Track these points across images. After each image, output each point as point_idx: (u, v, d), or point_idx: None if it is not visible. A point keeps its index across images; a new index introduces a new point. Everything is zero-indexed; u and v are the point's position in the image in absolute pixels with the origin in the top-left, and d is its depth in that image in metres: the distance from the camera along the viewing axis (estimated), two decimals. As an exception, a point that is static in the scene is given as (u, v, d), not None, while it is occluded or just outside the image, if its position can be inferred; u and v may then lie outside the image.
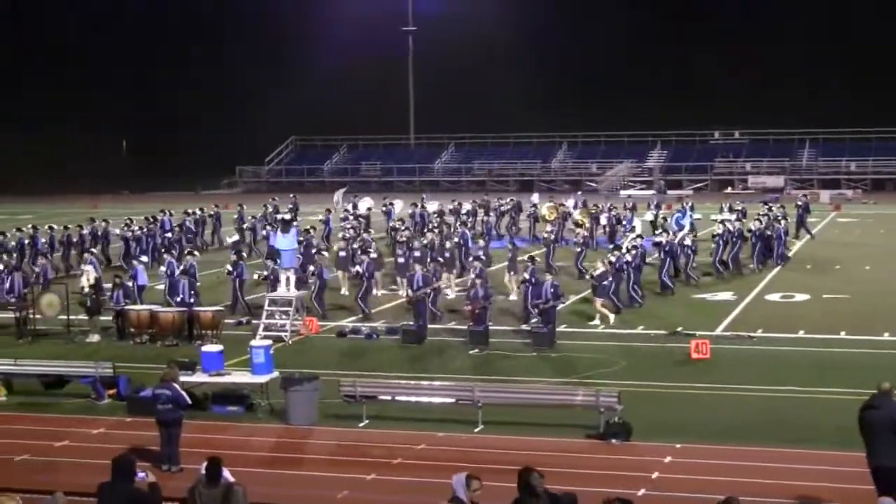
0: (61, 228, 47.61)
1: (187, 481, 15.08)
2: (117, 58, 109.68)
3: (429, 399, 23.13)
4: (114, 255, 46.94)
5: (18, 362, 26.08)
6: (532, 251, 42.23)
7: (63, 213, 54.42)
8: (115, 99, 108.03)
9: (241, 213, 51.75)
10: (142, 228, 47.73)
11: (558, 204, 52.72)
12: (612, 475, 18.99)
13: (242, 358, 25.93)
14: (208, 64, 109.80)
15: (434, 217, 49.83)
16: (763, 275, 41.39)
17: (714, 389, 24.85)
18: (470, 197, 58.25)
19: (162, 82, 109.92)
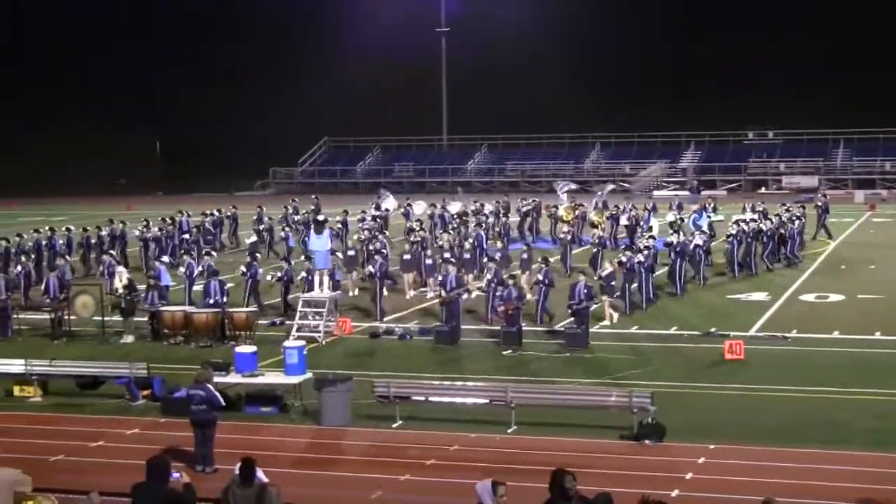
0: (79, 230, 47.84)
1: (221, 482, 15.13)
2: (150, 60, 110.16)
3: (462, 400, 23.12)
4: (132, 256, 47.16)
5: (54, 363, 26.23)
6: (554, 252, 42.24)
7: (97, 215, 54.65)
8: (149, 101, 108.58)
9: (260, 214, 51.88)
10: (161, 230, 48.03)
11: (577, 204, 52.59)
12: (646, 476, 18.93)
13: (276, 359, 26.00)
14: (241, 66, 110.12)
15: (455, 218, 49.82)
16: (796, 275, 41.18)
17: (748, 390, 24.72)
18: (502, 198, 58.03)
19: (195, 84, 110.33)
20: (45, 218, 53.75)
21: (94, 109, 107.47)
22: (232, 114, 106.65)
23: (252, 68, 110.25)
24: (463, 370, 27.28)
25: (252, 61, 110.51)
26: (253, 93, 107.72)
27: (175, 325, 31.60)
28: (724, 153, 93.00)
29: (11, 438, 20.71)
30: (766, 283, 39.70)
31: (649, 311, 34.48)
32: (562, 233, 44.96)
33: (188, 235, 48.19)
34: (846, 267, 43.56)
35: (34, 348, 30.41)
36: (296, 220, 51.72)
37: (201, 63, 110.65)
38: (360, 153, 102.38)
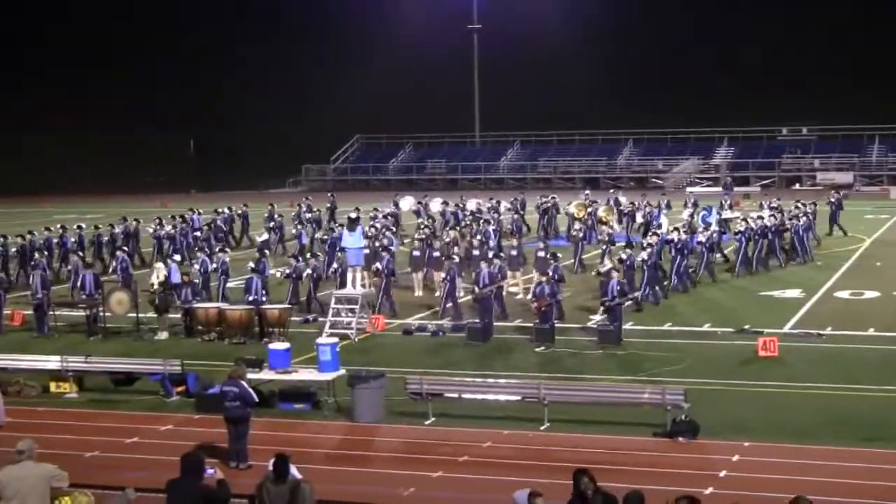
0: (91, 228, 48.15)
1: (255, 478, 15.19)
2: (183, 58, 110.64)
3: (495, 396, 23.13)
4: (146, 254, 47.58)
5: (89, 360, 26.40)
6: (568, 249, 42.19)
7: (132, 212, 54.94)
8: (183, 99, 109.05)
9: (271, 212, 52.06)
10: (174, 227, 48.26)
11: (590, 201, 52.51)
12: (680, 474, 18.88)
13: (309, 355, 26.06)
14: (274, 63, 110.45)
15: (468, 216, 49.79)
16: (831, 272, 40.96)
17: (782, 387, 24.62)
18: (536, 194, 57.99)
19: (229, 82, 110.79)
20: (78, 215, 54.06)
21: (128, 109, 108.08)
22: (265, 112, 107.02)
23: (285, 66, 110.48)
24: (496, 367, 27.28)
25: (284, 59, 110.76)
26: (286, 91, 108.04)
27: (209, 322, 31.76)
28: (757, 149, 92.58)
29: (48, 434, 20.83)
30: (801, 279, 39.51)
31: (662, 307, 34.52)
32: (574, 230, 44.91)
33: (200, 233, 48.51)
34: (882, 264, 43.26)
35: (70, 345, 30.63)
36: (307, 218, 51.86)
37: (235, 61, 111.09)
38: (392, 150, 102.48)
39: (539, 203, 53.85)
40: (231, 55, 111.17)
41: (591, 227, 47.90)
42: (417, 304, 36.50)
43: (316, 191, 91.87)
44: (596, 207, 51.03)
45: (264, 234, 48.15)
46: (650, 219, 48.69)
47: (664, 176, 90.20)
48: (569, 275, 37.36)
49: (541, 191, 66.86)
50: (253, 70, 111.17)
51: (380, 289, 34.68)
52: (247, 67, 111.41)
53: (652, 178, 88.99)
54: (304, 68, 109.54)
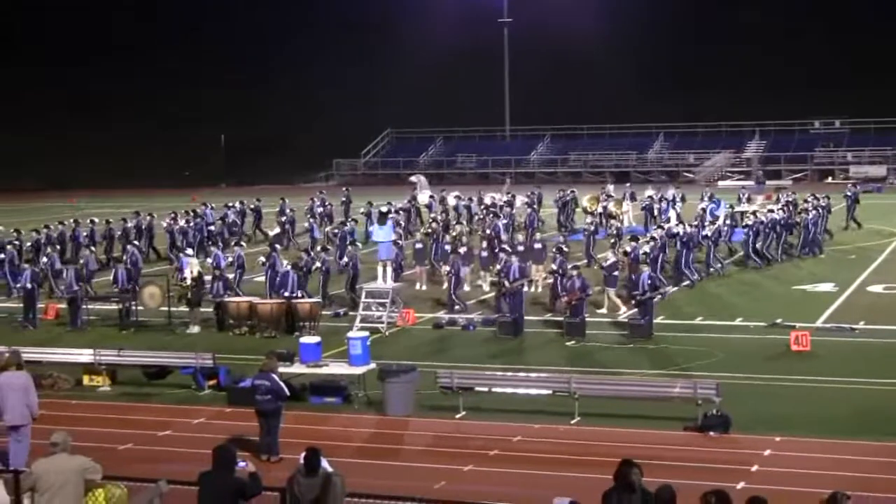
0: (102, 222, 48.45)
1: (286, 471, 15.23)
2: (215, 54, 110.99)
3: (525, 390, 23.12)
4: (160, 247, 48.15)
5: (122, 353, 26.56)
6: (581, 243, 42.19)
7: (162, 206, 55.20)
8: (214, 94, 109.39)
9: (283, 206, 52.22)
10: (188, 222, 48.57)
11: (606, 195, 52.31)
12: (711, 468, 18.83)
13: (340, 349, 26.13)
14: (305, 57, 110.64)
15: (481, 210, 49.76)
16: (864, 265, 40.74)
17: (815, 382, 24.51)
18: (535, 189, 57.79)
19: (259, 76, 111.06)
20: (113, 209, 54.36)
21: (159, 103, 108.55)
22: (296, 106, 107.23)
23: (315, 61, 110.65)
24: (526, 361, 27.28)
25: (315, 54, 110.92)
26: (317, 85, 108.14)
27: (240, 316, 31.89)
28: (789, 142, 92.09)
29: (82, 427, 20.94)
30: (834, 273, 39.30)
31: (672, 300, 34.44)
32: (585, 223, 44.88)
33: (213, 227, 48.73)
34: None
35: (103, 338, 30.79)
36: (320, 213, 51.95)
37: (264, 57, 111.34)
38: (423, 144, 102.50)
39: (557, 197, 53.79)
40: (262, 50, 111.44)
41: (602, 221, 47.95)
42: (423, 297, 36.53)
43: (347, 185, 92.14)
44: (609, 201, 51.00)
45: (276, 228, 48.19)
46: (657, 213, 48.60)
47: (695, 170, 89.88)
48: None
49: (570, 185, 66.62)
50: (284, 64, 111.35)
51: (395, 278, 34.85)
52: (278, 62, 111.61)
53: (683, 172, 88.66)
54: (336, 63, 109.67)
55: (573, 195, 54.05)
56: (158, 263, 44.97)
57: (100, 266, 40.68)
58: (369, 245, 40.42)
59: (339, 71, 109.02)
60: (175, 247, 45.62)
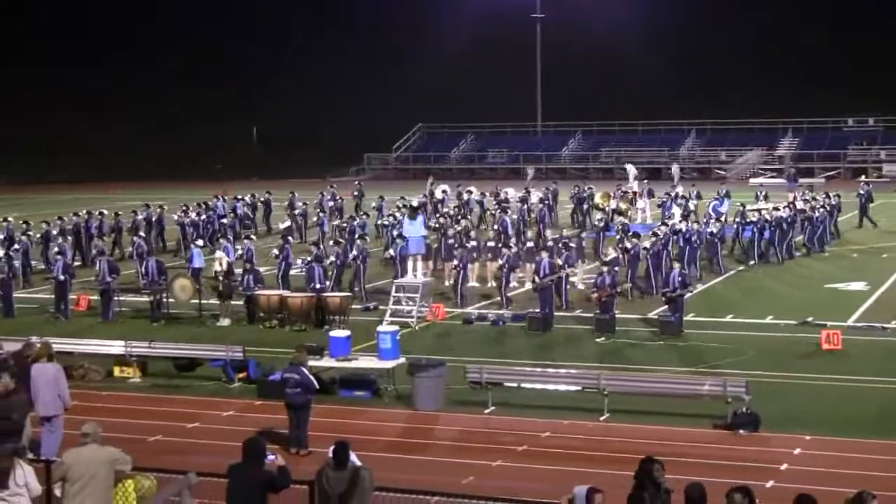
0: (111, 214, 48.81)
1: (315, 464, 15.27)
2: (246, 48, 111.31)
3: (554, 386, 23.12)
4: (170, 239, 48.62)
5: (153, 345, 26.68)
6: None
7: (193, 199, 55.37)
8: (246, 87, 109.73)
9: (293, 199, 52.37)
10: (199, 214, 48.92)
11: (621, 190, 52.15)
12: (740, 466, 18.78)
13: (370, 343, 26.18)
14: (336, 52, 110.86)
15: (498, 205, 49.73)
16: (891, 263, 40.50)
17: (845, 381, 24.39)
18: (551, 185, 57.70)
19: (291, 70, 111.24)
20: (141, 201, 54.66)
21: (192, 97, 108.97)
22: (327, 100, 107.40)
23: (348, 55, 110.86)
24: (556, 357, 27.27)
25: (346, 47, 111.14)
26: (349, 79, 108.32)
27: (270, 309, 31.98)
28: (822, 140, 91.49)
29: (112, 418, 21.08)
30: (865, 272, 39.09)
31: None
32: (596, 220, 44.71)
33: (225, 220, 48.99)
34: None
35: (134, 330, 30.92)
36: (330, 206, 52.06)
37: (295, 50, 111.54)
38: (455, 139, 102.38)
39: (573, 193, 53.68)
40: (294, 43, 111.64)
41: (612, 218, 47.85)
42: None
43: (378, 179, 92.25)
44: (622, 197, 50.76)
45: (287, 221, 48.16)
46: (665, 209, 48.36)
47: (727, 167, 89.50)
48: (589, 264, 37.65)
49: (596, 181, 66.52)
50: (316, 58, 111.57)
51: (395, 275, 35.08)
52: (310, 55, 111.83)
53: (715, 169, 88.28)
54: (368, 57, 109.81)
55: (590, 191, 53.86)
56: (164, 255, 45.02)
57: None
58: (373, 241, 40.46)
59: (371, 65, 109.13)
60: (185, 239, 45.94)
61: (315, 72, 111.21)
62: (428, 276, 34.08)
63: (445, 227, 40.68)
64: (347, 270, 35.80)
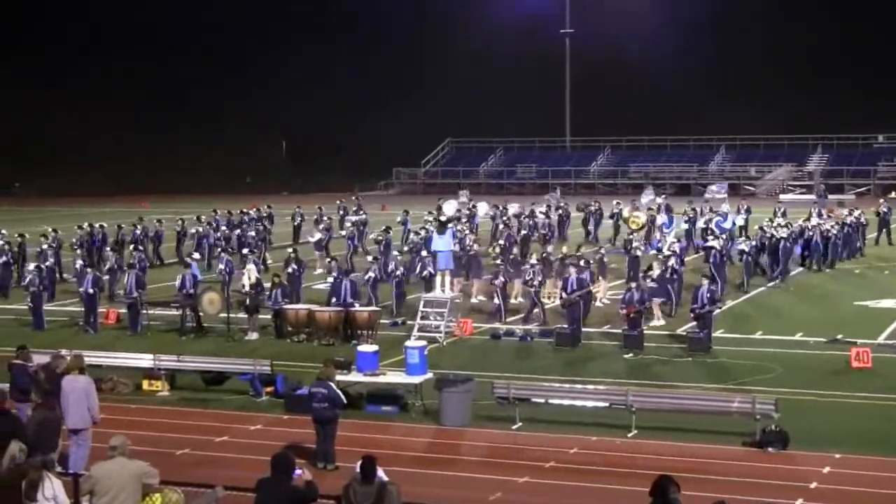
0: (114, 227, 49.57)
1: (342, 479, 15.28)
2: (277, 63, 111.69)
3: (582, 402, 23.04)
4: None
5: (181, 358, 26.77)
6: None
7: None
8: (276, 102, 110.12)
9: (321, 214, 52.46)
10: (197, 229, 49.49)
11: (636, 206, 52.16)
12: (769, 484, 18.67)
13: (397, 358, 26.19)
14: (366, 67, 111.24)
15: (509, 220, 49.62)
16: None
17: (875, 399, 24.25)
18: (592, 199, 57.64)
19: (322, 84, 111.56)
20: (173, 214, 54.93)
21: (224, 112, 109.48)
22: (357, 115, 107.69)
23: (377, 69, 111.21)
24: (583, 373, 27.19)
25: (377, 63, 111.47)
26: (379, 93, 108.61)
27: (298, 323, 32.03)
28: (852, 156, 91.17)
29: (140, 431, 21.15)
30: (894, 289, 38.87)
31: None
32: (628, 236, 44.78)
33: (220, 234, 49.58)
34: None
35: (162, 344, 30.99)
36: (354, 221, 51.99)
37: (325, 65, 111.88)
38: (483, 154, 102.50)
39: (582, 208, 53.65)
40: (324, 58, 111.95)
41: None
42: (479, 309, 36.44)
43: (407, 193, 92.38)
44: (652, 215, 50.27)
45: (316, 234, 48.13)
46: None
47: (756, 183, 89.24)
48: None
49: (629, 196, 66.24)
50: (346, 72, 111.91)
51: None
52: (340, 70, 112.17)
53: (744, 185, 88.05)
54: (397, 71, 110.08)
55: (598, 206, 53.89)
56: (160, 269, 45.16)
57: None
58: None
59: (401, 80, 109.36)
60: (181, 252, 46.52)
61: (345, 86, 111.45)
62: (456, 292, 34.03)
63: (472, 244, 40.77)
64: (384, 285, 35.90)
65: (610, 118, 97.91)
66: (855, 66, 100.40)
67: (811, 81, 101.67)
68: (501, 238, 43.30)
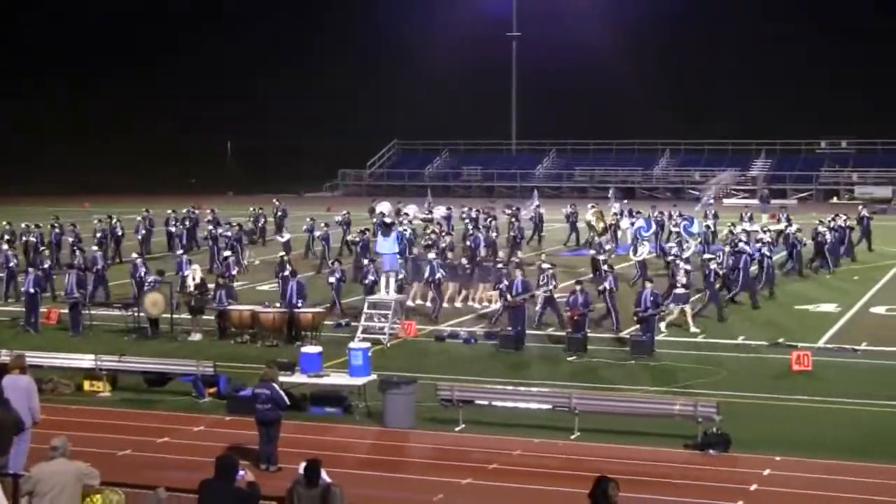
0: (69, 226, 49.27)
1: (285, 481, 15.24)
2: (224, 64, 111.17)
3: (525, 405, 23.10)
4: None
5: (122, 359, 26.56)
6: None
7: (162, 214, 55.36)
8: (222, 103, 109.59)
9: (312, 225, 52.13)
10: (146, 230, 50.35)
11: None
12: (710, 486, 18.80)
13: (341, 360, 26.13)
14: (312, 69, 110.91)
15: (469, 223, 49.70)
16: (867, 287, 40.67)
17: (815, 402, 24.47)
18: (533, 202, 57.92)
19: (266, 86, 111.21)
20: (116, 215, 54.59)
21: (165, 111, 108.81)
22: (302, 117, 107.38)
23: (323, 72, 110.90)
24: (527, 375, 27.25)
25: (323, 66, 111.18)
26: (324, 96, 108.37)
27: (242, 324, 31.88)
28: (795, 162, 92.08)
29: (81, 432, 20.95)
30: (836, 294, 39.26)
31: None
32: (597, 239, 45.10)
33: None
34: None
35: (104, 344, 30.71)
36: (338, 220, 51.84)
37: (272, 67, 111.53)
38: (429, 156, 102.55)
39: (524, 211, 53.95)
40: (270, 60, 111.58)
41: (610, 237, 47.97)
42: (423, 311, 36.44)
43: (352, 195, 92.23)
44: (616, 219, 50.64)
45: (286, 234, 47.86)
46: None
47: (700, 187, 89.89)
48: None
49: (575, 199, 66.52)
50: (292, 75, 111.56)
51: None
52: (286, 72, 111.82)
53: (688, 189, 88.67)
54: (342, 74, 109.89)
55: (517, 210, 54.01)
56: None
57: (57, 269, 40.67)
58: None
59: (346, 82, 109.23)
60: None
61: (291, 89, 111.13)
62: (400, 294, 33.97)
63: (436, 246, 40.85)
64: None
65: (556, 122, 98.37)
66: (798, 71, 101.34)
67: (755, 87, 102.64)
68: (469, 239, 43.23)
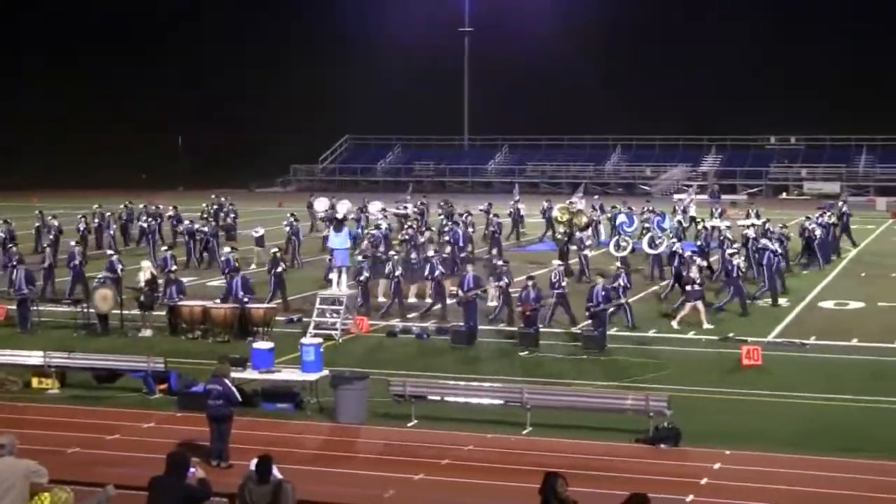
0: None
1: (236, 477, 15.17)
2: (174, 58, 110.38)
3: (478, 400, 23.12)
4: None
5: (72, 356, 26.32)
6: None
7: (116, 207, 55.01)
8: (172, 97, 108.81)
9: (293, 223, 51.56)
10: (98, 225, 50.80)
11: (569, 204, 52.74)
12: (661, 480, 18.87)
13: (293, 355, 26.04)
14: (264, 64, 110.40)
15: (445, 219, 49.60)
16: (816, 281, 41.00)
17: (765, 396, 24.65)
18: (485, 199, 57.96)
19: (217, 81, 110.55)
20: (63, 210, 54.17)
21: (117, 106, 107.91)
22: (254, 111, 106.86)
23: (274, 68, 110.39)
24: (479, 370, 27.28)
25: (274, 61, 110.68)
26: (275, 90, 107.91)
27: (193, 320, 31.72)
28: (745, 157, 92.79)
29: (29, 430, 20.78)
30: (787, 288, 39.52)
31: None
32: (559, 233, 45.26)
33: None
34: (866, 274, 43.38)
35: (54, 341, 30.45)
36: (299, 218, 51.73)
37: (224, 62, 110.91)
38: (381, 151, 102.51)
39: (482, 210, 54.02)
40: (222, 56, 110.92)
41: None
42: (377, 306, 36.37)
43: (304, 190, 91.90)
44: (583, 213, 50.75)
45: (260, 230, 47.58)
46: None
47: (651, 182, 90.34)
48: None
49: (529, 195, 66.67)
50: (244, 70, 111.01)
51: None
52: (238, 68, 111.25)
53: (639, 185, 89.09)
54: (294, 68, 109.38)
55: (489, 206, 53.93)
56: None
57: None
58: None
59: (298, 77, 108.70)
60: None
61: (242, 83, 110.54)
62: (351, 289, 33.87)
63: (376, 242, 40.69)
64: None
65: (507, 117, 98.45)
66: (749, 68, 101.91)
67: (706, 83, 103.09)
68: (448, 235, 43.19)
